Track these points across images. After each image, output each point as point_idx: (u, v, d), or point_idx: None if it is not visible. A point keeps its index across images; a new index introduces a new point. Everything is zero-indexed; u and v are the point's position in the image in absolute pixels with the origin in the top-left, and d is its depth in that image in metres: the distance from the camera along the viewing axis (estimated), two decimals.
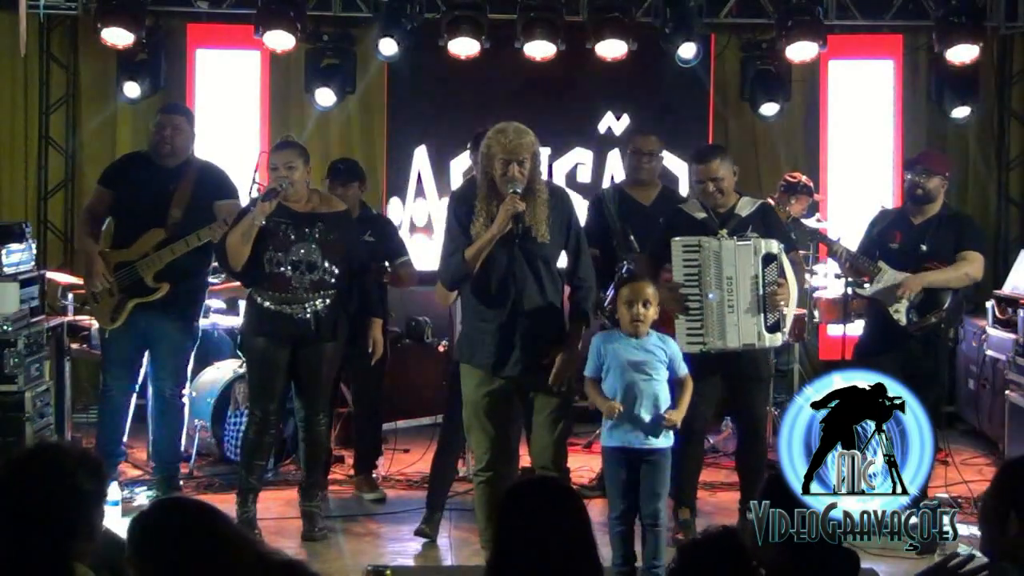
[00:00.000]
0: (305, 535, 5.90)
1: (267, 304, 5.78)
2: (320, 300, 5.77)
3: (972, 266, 6.21)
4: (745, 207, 5.90)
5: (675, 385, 5.19)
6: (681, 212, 6.02)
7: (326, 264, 5.77)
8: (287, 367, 5.84)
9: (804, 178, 7.82)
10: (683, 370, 5.23)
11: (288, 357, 5.82)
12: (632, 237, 6.29)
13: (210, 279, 6.82)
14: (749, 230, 5.75)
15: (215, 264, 6.51)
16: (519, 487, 3.35)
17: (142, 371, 6.55)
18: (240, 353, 6.57)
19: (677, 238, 5.75)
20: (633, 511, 5.09)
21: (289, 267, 5.74)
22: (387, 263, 6.68)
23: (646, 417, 5.04)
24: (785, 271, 5.74)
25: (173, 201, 6.32)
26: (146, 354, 6.50)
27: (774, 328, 5.73)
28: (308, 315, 5.76)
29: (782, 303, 5.71)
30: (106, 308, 6.35)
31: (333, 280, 5.79)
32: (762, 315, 5.69)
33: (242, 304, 6.64)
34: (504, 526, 3.11)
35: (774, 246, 5.74)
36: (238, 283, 6.26)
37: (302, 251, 5.75)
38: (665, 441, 5.09)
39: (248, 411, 6.03)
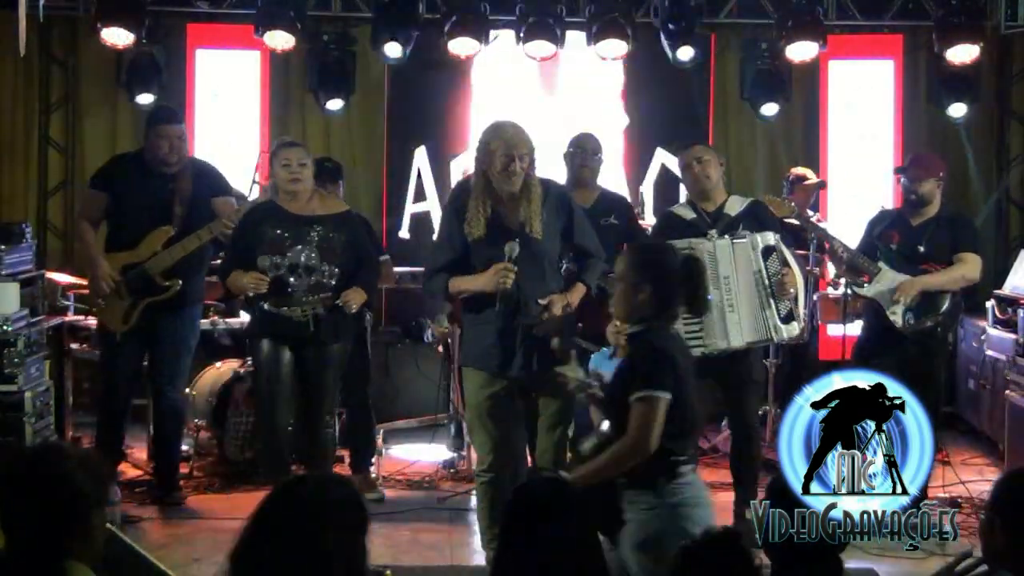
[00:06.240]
0: None
1: (267, 307, 5.83)
2: (320, 302, 5.79)
3: (968, 267, 6.20)
4: (735, 206, 5.90)
5: None
6: (671, 214, 6.03)
7: (325, 267, 5.80)
8: (291, 366, 5.88)
9: (795, 171, 7.89)
10: None
11: (291, 356, 5.87)
12: None
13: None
14: (740, 228, 5.75)
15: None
16: (525, 487, 3.34)
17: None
18: (247, 356, 6.58)
19: (667, 242, 5.72)
20: None
21: (287, 270, 5.77)
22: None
23: None
24: (788, 259, 5.76)
25: (176, 199, 6.32)
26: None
27: (788, 318, 5.73)
28: (308, 318, 5.79)
29: (791, 289, 5.72)
30: (117, 311, 6.30)
31: (333, 282, 5.81)
32: (773, 308, 5.69)
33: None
34: (509, 525, 3.11)
35: (770, 237, 5.74)
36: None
37: (301, 255, 5.78)
38: None
39: (256, 418, 6.01)
